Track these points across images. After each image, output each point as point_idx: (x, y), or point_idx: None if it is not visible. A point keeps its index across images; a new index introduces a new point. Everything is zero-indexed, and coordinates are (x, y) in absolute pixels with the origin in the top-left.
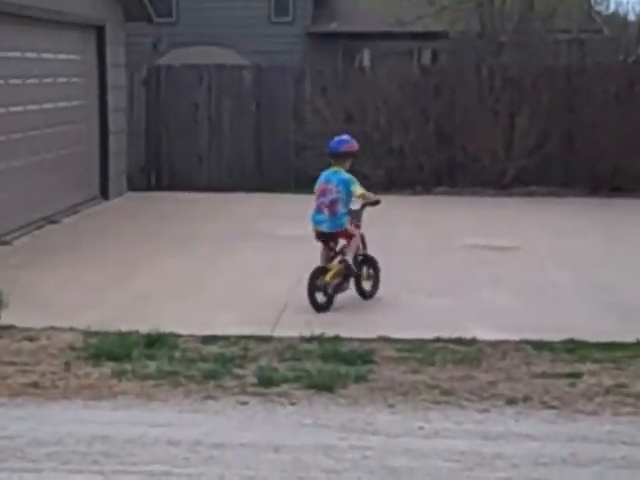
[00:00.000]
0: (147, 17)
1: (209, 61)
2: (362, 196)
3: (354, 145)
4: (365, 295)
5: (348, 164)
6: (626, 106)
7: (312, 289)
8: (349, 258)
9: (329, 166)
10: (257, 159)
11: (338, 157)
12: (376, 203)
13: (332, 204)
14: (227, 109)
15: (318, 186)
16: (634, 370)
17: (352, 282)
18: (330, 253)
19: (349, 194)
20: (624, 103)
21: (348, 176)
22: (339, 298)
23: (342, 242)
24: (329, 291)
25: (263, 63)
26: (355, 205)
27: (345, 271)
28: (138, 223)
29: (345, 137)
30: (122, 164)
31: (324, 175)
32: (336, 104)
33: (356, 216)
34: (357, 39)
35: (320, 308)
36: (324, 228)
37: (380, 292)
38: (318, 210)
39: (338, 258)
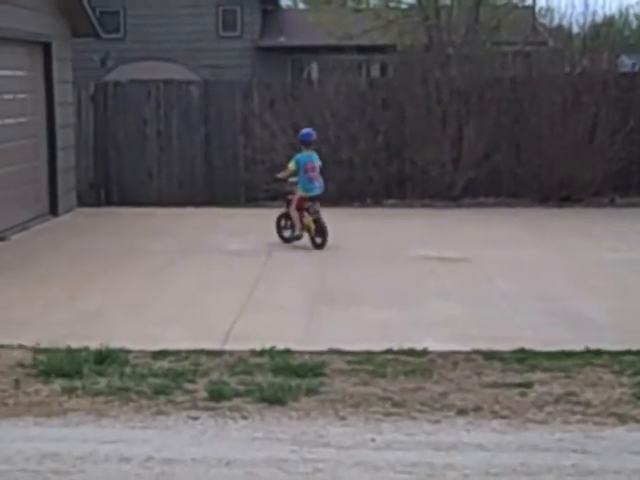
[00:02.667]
0: (95, 33)
1: (157, 76)
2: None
3: (315, 134)
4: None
5: (313, 148)
6: (572, 117)
7: (325, 233)
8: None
9: (300, 151)
10: (206, 173)
11: (310, 144)
12: None
13: (319, 176)
14: (176, 124)
15: (305, 164)
16: (583, 378)
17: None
18: (302, 212)
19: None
20: (570, 114)
21: (317, 155)
22: (292, 316)
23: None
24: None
25: (211, 77)
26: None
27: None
28: (87, 239)
29: (310, 130)
30: (71, 180)
31: (306, 157)
32: (284, 118)
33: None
34: (305, 52)
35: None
36: (317, 192)
37: (330, 305)
38: (311, 181)
39: (312, 215)
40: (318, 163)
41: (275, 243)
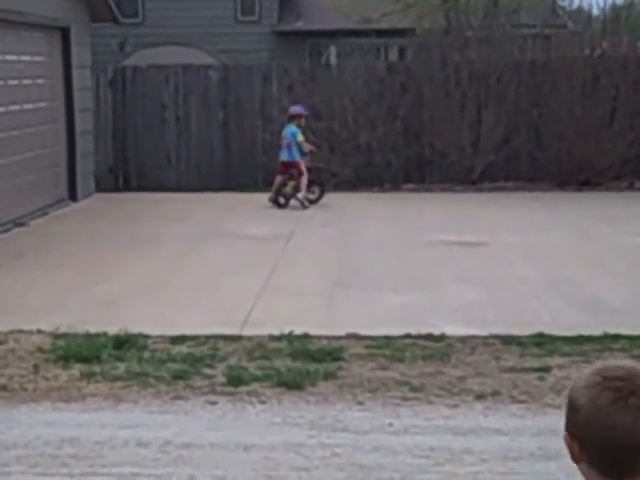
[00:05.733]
0: (113, 18)
1: (176, 61)
2: (301, 142)
3: (294, 110)
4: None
5: (296, 122)
6: (591, 100)
7: (277, 195)
8: (302, 179)
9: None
10: (225, 158)
11: (290, 118)
12: (311, 152)
13: (288, 145)
14: (194, 109)
15: (282, 134)
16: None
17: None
18: (284, 177)
19: (295, 140)
20: (589, 97)
21: (294, 129)
22: (310, 301)
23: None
24: (287, 196)
25: (230, 62)
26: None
27: (295, 188)
28: (106, 224)
29: (295, 106)
30: (90, 165)
31: (285, 129)
32: (303, 102)
33: (304, 156)
34: (323, 37)
35: (282, 206)
36: (282, 158)
37: (348, 289)
38: (280, 148)
39: (294, 181)
40: (287, 135)
41: (293, 227)
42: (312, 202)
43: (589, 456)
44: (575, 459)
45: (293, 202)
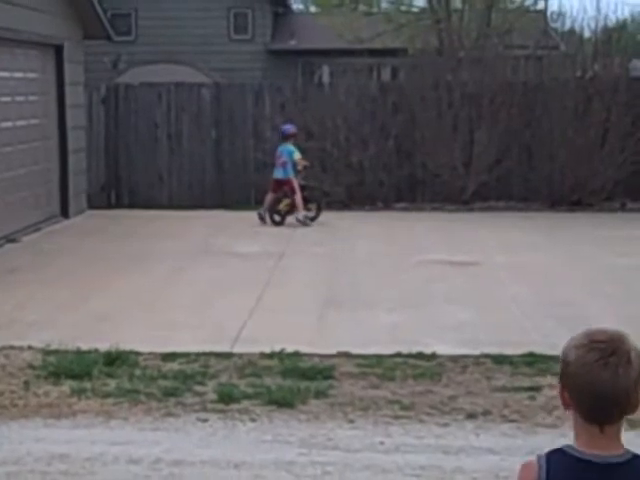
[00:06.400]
0: (106, 36)
1: (169, 79)
2: (299, 160)
3: (287, 129)
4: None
5: (292, 141)
6: (583, 121)
7: (272, 213)
8: (296, 197)
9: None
10: (217, 176)
11: (284, 138)
12: (305, 167)
13: (284, 164)
14: (187, 127)
15: (277, 153)
16: None
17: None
18: (277, 195)
19: (292, 159)
20: (581, 118)
21: (292, 148)
22: (302, 319)
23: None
24: (282, 214)
25: (223, 80)
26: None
27: (291, 205)
28: (98, 242)
29: (286, 126)
30: (82, 182)
31: (279, 147)
32: (295, 121)
33: (298, 174)
34: (316, 56)
35: (277, 224)
36: (276, 176)
37: (339, 308)
38: (276, 166)
39: (288, 199)
40: (286, 155)
41: (285, 246)
42: (312, 219)
43: (576, 404)
44: (565, 405)
45: (289, 220)
